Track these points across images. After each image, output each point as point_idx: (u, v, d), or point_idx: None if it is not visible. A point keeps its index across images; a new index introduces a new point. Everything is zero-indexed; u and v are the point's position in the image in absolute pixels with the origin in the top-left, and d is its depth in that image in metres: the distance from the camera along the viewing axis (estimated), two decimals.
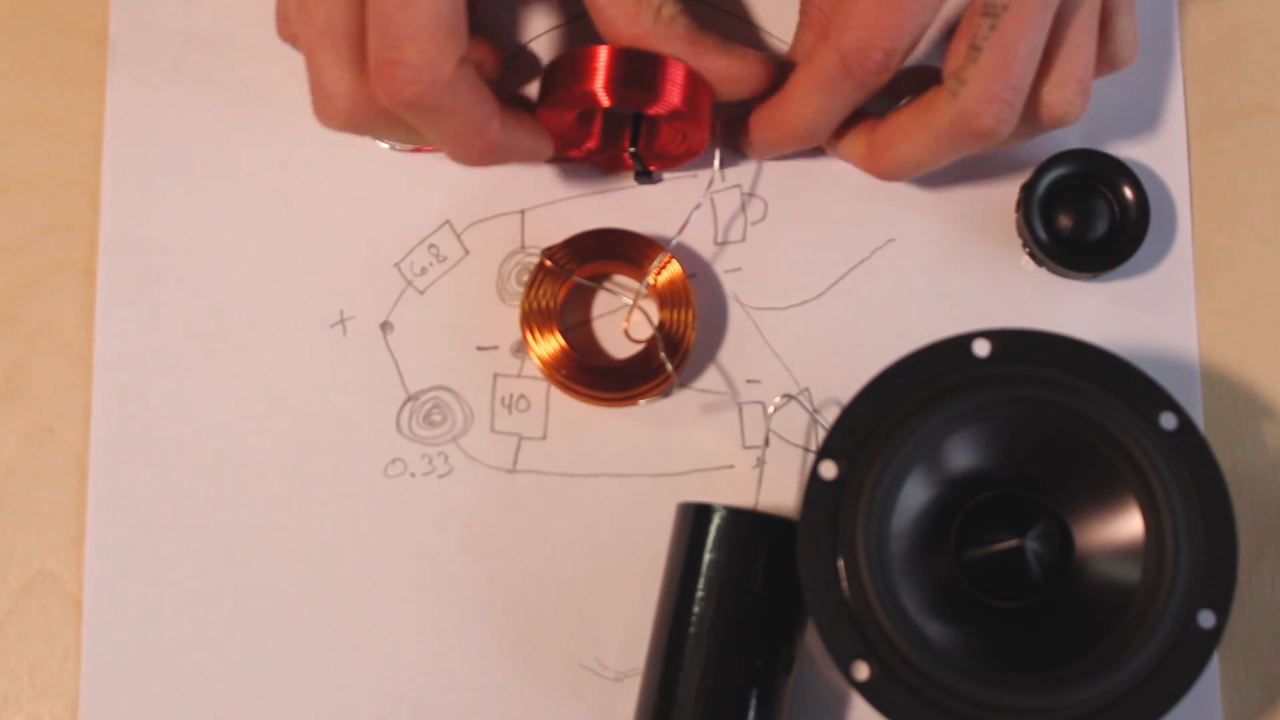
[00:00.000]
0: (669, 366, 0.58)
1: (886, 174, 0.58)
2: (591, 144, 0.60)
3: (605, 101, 0.56)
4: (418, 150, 0.62)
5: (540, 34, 0.63)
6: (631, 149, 0.59)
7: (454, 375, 0.61)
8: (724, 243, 0.62)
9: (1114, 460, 0.52)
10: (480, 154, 0.55)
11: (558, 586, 0.59)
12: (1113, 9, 0.56)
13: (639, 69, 0.55)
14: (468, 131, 0.53)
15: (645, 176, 0.61)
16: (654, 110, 0.56)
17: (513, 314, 0.61)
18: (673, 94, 0.55)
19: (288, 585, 0.59)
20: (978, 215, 0.61)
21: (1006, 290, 0.61)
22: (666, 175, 0.62)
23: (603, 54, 0.55)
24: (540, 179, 0.62)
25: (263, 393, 0.61)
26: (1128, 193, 0.60)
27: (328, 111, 0.53)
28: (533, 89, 0.62)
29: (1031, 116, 0.56)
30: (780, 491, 0.60)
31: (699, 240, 0.62)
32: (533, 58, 0.63)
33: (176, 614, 0.59)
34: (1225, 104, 0.63)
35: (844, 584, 0.51)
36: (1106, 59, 0.57)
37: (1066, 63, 0.55)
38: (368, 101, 0.53)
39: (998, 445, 0.53)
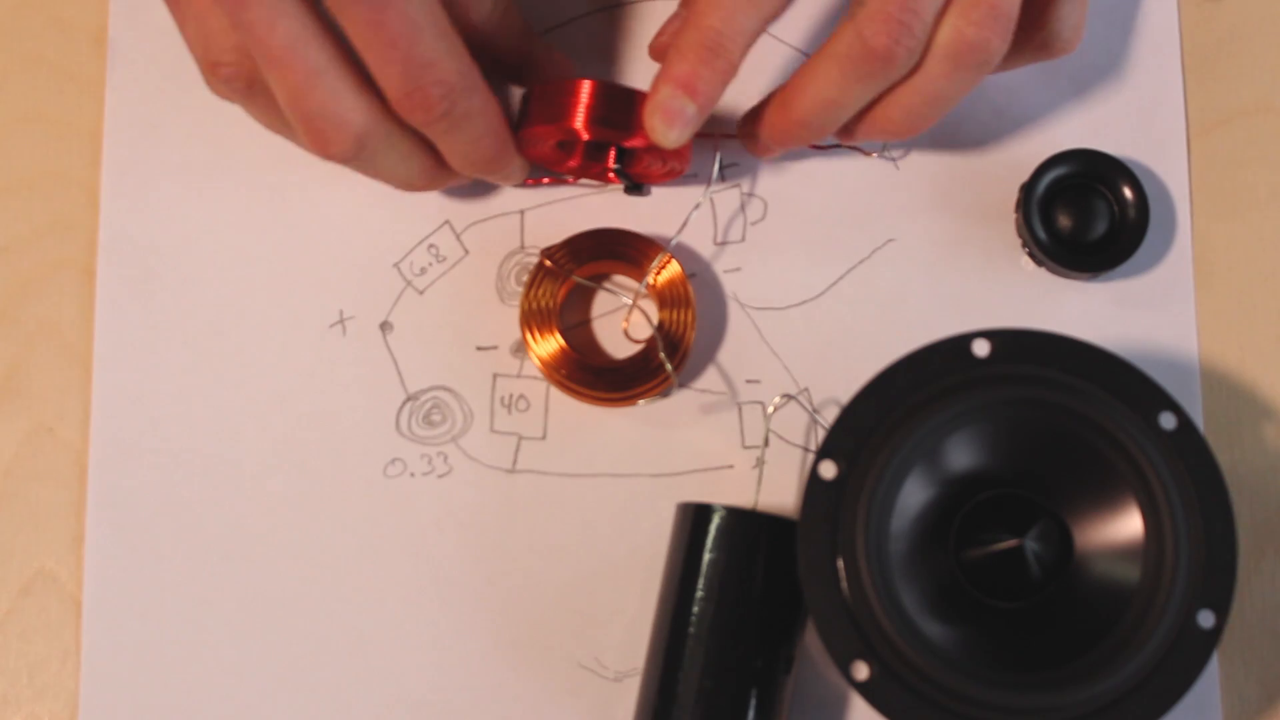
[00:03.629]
0: (669, 366, 0.58)
1: (802, 120, 0.56)
2: (573, 164, 0.60)
3: (585, 136, 0.57)
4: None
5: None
6: (615, 167, 0.59)
7: (454, 375, 0.61)
8: (724, 243, 0.62)
9: (1114, 460, 0.52)
10: (493, 157, 0.56)
11: (558, 586, 0.59)
12: None
13: (617, 105, 0.56)
14: (484, 132, 0.55)
15: (635, 189, 0.61)
16: (632, 144, 0.56)
17: (512, 314, 0.61)
18: None
19: (287, 585, 0.59)
20: (977, 215, 0.61)
21: (1006, 290, 0.61)
22: None
23: (584, 90, 0.56)
24: (534, 169, 0.62)
25: (262, 392, 0.61)
26: (1127, 192, 0.60)
27: (339, 140, 0.53)
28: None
29: (940, 43, 0.54)
30: (780, 491, 0.60)
31: (699, 240, 0.62)
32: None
33: (176, 614, 0.59)
34: (1225, 104, 0.63)
35: (844, 584, 0.51)
36: (1040, 45, 0.56)
37: None
38: (383, 119, 0.53)
39: (997, 445, 0.53)
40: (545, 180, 0.61)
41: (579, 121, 0.56)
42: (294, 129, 0.54)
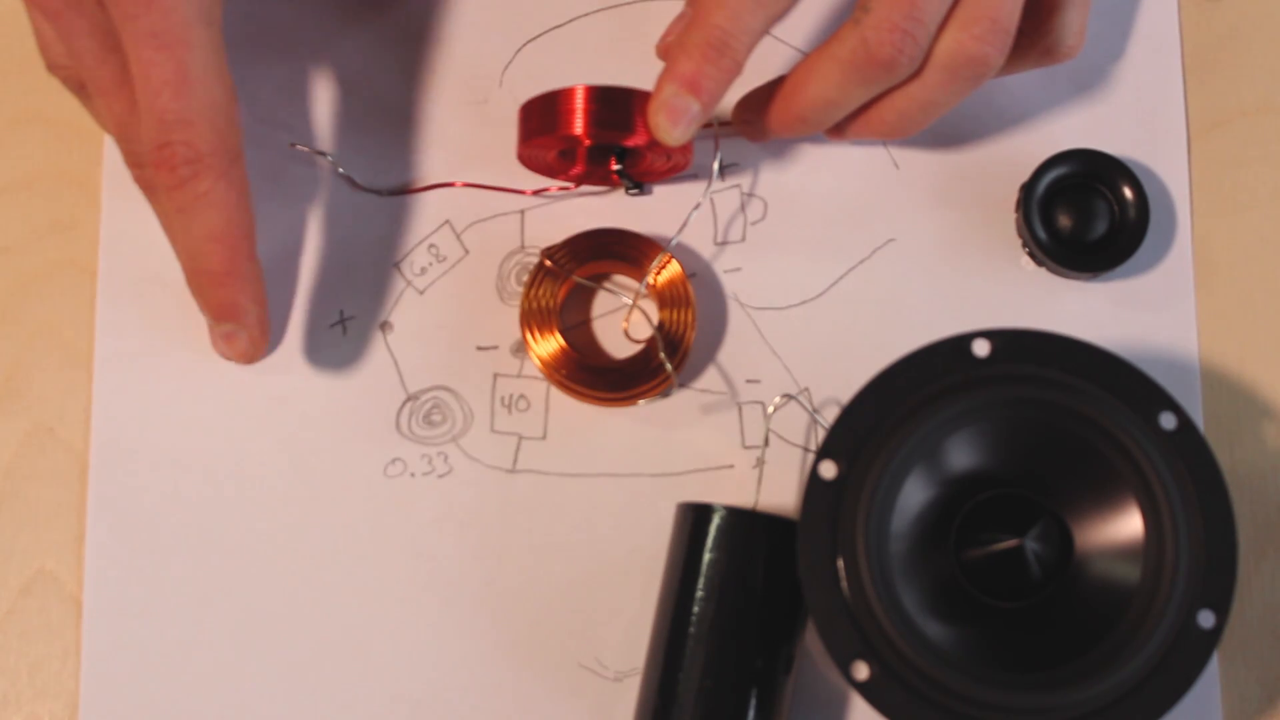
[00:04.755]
0: (669, 366, 0.58)
1: (801, 117, 0.57)
2: (578, 170, 0.60)
3: (587, 142, 0.57)
4: (404, 191, 0.62)
5: (535, 36, 0.63)
6: (617, 168, 0.59)
7: (454, 375, 0.61)
8: (724, 243, 0.62)
9: (1114, 460, 0.52)
10: (214, 273, 0.55)
11: (558, 586, 0.59)
12: (1056, 3, 0.56)
13: (615, 106, 0.56)
14: (219, 233, 0.54)
15: (636, 189, 0.61)
16: (632, 143, 0.56)
17: (513, 314, 0.61)
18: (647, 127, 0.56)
19: (287, 585, 0.59)
20: (977, 215, 0.61)
21: (1006, 290, 0.61)
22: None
23: (579, 96, 0.56)
24: (539, 179, 0.62)
25: (263, 392, 0.61)
26: (1127, 192, 0.60)
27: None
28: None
29: (940, 54, 0.55)
30: (780, 491, 0.60)
31: (699, 240, 0.62)
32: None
33: (176, 614, 0.59)
34: (1225, 104, 0.63)
35: (844, 584, 0.51)
36: (1043, 51, 0.57)
37: (980, 0, 0.54)
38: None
39: (997, 445, 0.53)
40: (551, 189, 0.61)
41: (579, 128, 0.56)
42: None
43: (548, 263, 0.60)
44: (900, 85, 0.56)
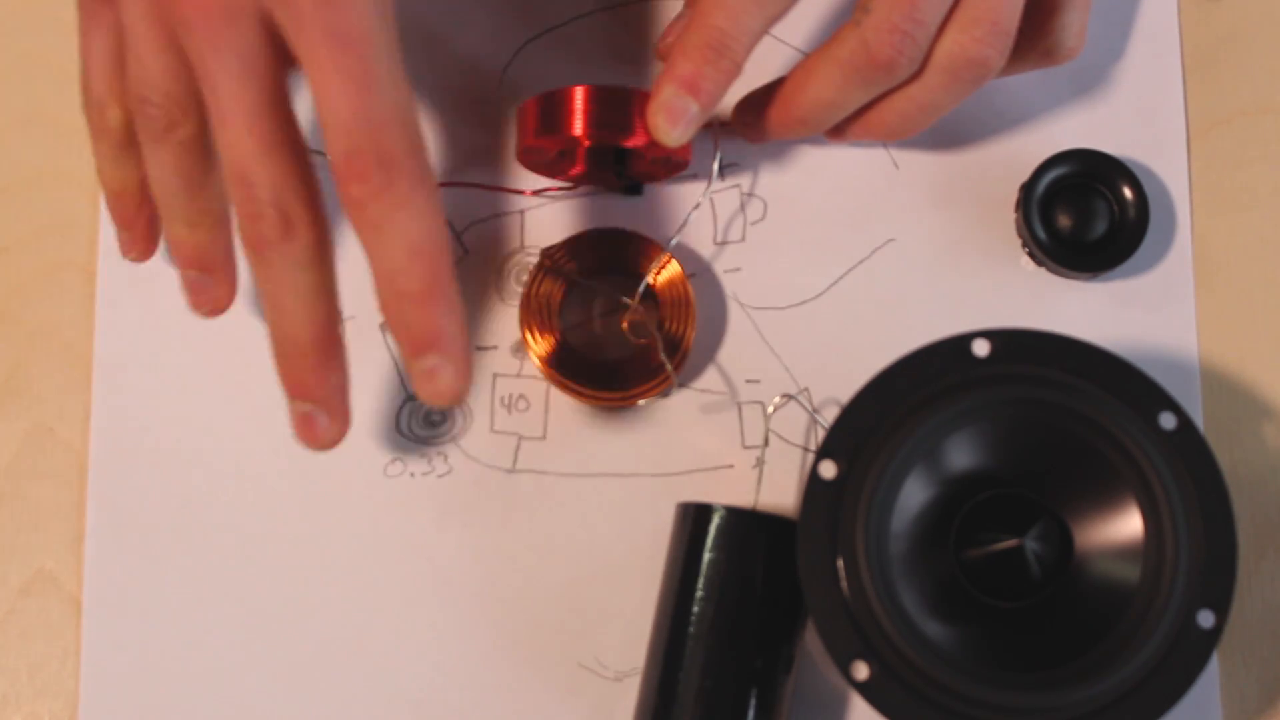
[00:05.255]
0: (669, 366, 0.58)
1: (800, 118, 0.57)
2: (578, 171, 0.60)
3: (586, 142, 0.57)
4: None
5: (532, 38, 0.63)
6: (617, 168, 0.59)
7: None
8: (724, 243, 0.62)
9: (1114, 460, 0.52)
10: (427, 275, 0.50)
11: (558, 586, 0.59)
12: (1057, 4, 0.56)
13: (614, 106, 0.56)
14: (431, 228, 0.49)
15: (633, 190, 0.61)
16: (632, 143, 0.56)
17: (513, 314, 0.61)
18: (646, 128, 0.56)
19: (287, 585, 0.59)
20: (977, 215, 0.61)
21: (1006, 290, 0.61)
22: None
23: (578, 96, 0.56)
24: (540, 179, 0.62)
25: (262, 392, 0.60)
26: (1127, 192, 0.60)
27: (273, 216, 0.50)
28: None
29: (940, 57, 0.55)
30: (780, 491, 0.60)
31: (699, 240, 0.62)
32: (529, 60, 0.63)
33: (176, 614, 0.59)
34: (1225, 104, 0.63)
35: (844, 584, 0.51)
36: (1043, 53, 0.57)
37: (980, 2, 0.54)
38: (321, 218, 0.51)
39: (997, 445, 0.53)
40: (551, 189, 0.61)
41: (578, 129, 0.56)
42: (225, 188, 0.50)
43: (548, 263, 0.60)
44: (900, 87, 0.56)
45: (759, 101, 0.59)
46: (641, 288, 0.60)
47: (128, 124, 0.53)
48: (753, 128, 0.59)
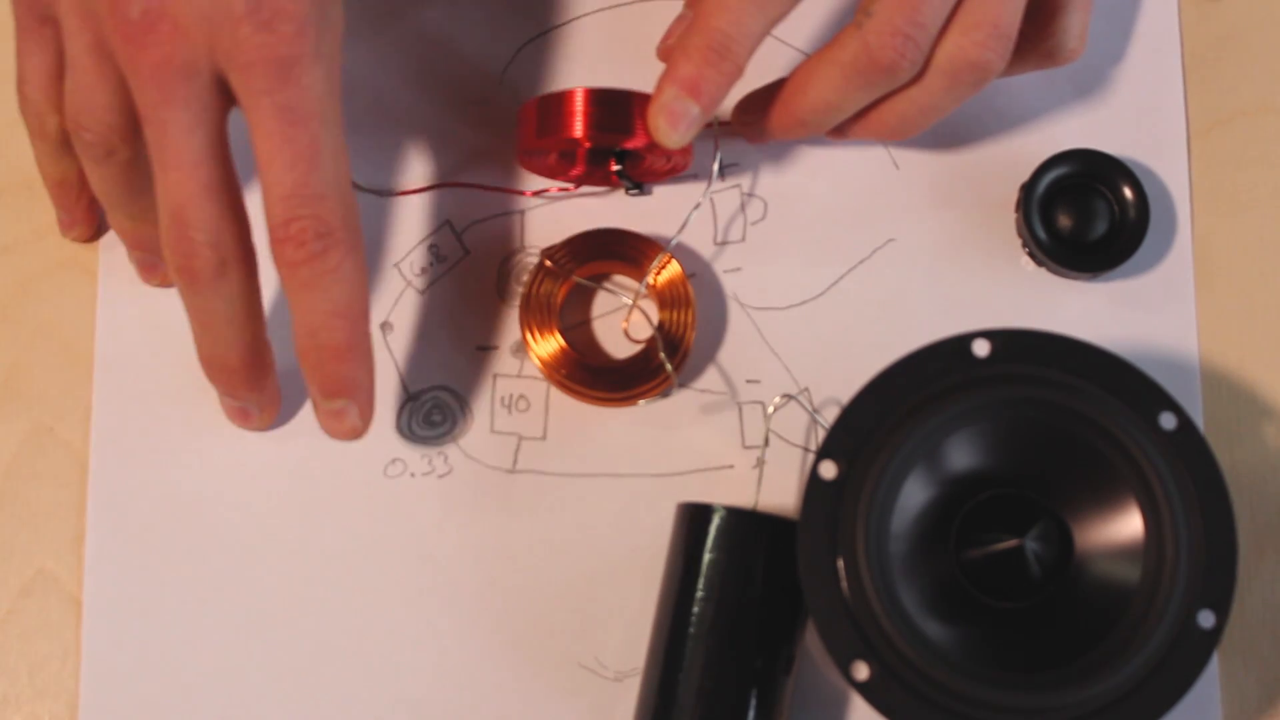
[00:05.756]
0: (669, 366, 0.58)
1: (801, 120, 0.57)
2: (578, 172, 0.60)
3: (587, 144, 0.57)
4: (404, 193, 0.62)
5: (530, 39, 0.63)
6: (617, 169, 0.59)
7: (454, 375, 0.61)
8: (724, 243, 0.62)
9: (1114, 460, 0.52)
10: (342, 345, 0.53)
11: (558, 586, 0.59)
12: (1058, 6, 0.56)
13: (614, 108, 0.56)
14: (344, 308, 0.52)
15: (636, 189, 0.61)
16: (632, 145, 0.56)
17: (513, 314, 0.61)
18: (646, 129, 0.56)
19: (287, 585, 0.59)
20: (977, 215, 0.61)
21: (1006, 290, 0.61)
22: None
23: (578, 98, 0.56)
24: (540, 179, 0.62)
25: None
26: (1127, 192, 0.60)
27: (207, 258, 0.52)
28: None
29: (941, 59, 0.55)
30: (780, 491, 0.60)
31: (699, 240, 0.62)
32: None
33: (176, 614, 0.59)
34: (1225, 103, 0.63)
35: (844, 584, 0.51)
36: (1044, 54, 0.57)
37: (981, 5, 0.54)
38: (248, 258, 0.53)
39: (997, 445, 0.53)
40: (552, 190, 0.62)
41: (578, 130, 0.56)
42: (159, 225, 0.52)
43: (548, 263, 0.60)
44: (901, 89, 0.56)
45: (760, 102, 0.59)
46: (641, 288, 0.60)
47: (65, 131, 0.55)
48: (753, 128, 0.59)
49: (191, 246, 0.51)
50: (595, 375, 0.59)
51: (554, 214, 0.62)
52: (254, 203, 0.52)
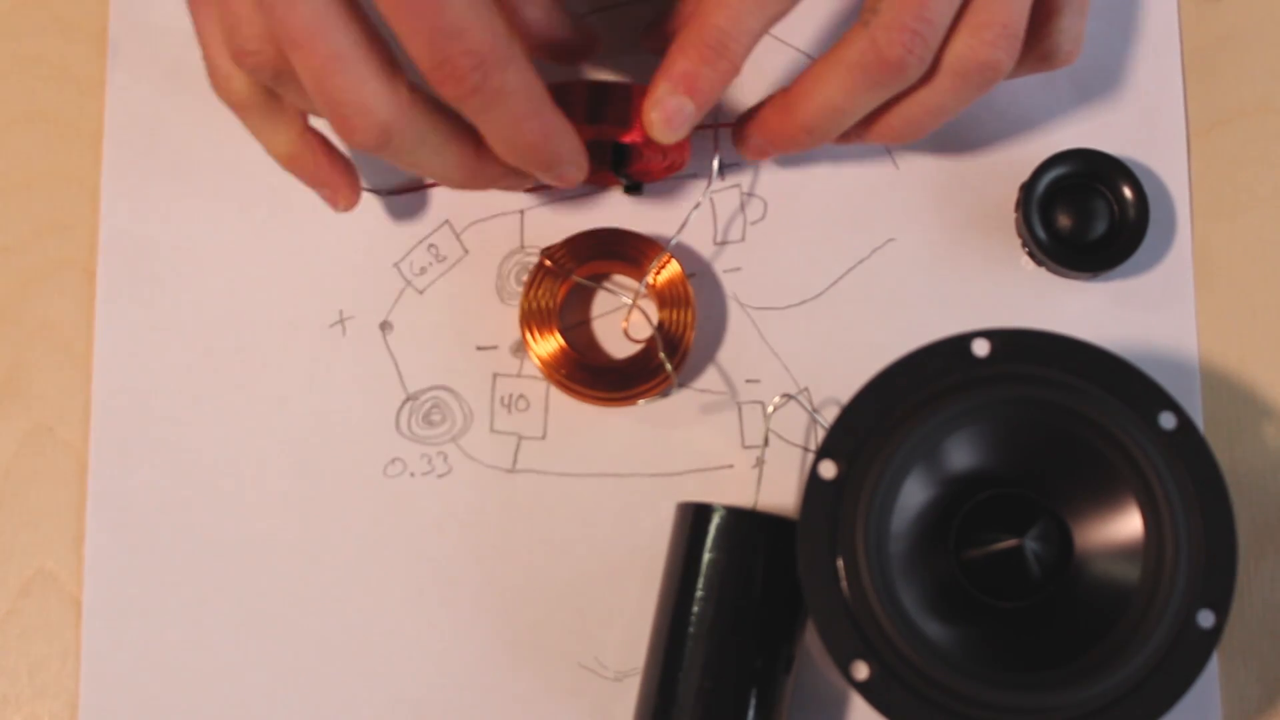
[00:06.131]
0: (668, 366, 0.58)
1: (805, 125, 0.56)
2: None
3: (585, 136, 0.56)
4: (404, 190, 0.62)
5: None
6: (615, 165, 0.59)
7: (454, 375, 0.61)
8: (723, 242, 0.62)
9: (1114, 460, 0.52)
10: (539, 143, 0.53)
11: (558, 586, 0.59)
12: (1055, 8, 0.56)
13: (612, 101, 0.56)
14: (526, 112, 0.52)
15: (634, 189, 0.61)
16: (629, 139, 0.56)
17: (512, 314, 0.61)
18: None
19: (287, 585, 0.59)
20: (977, 215, 0.61)
21: (1006, 290, 0.61)
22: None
23: (577, 91, 0.56)
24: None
25: (262, 392, 0.61)
26: (1127, 192, 0.60)
27: (365, 128, 0.51)
28: None
29: (951, 60, 0.54)
30: (780, 491, 0.60)
31: (699, 240, 0.62)
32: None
33: (176, 614, 0.59)
34: (1225, 103, 0.63)
35: (843, 584, 0.51)
36: (1041, 57, 0.57)
37: (989, 5, 0.54)
38: (410, 107, 0.51)
39: (997, 445, 0.53)
40: (551, 189, 0.61)
41: (576, 121, 0.56)
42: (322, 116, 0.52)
43: (548, 263, 0.60)
44: (909, 91, 0.55)
45: (760, 116, 0.58)
46: (641, 287, 0.60)
47: (257, 87, 0.54)
48: (754, 142, 0.58)
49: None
50: (595, 375, 0.59)
51: (553, 214, 0.62)
52: None
